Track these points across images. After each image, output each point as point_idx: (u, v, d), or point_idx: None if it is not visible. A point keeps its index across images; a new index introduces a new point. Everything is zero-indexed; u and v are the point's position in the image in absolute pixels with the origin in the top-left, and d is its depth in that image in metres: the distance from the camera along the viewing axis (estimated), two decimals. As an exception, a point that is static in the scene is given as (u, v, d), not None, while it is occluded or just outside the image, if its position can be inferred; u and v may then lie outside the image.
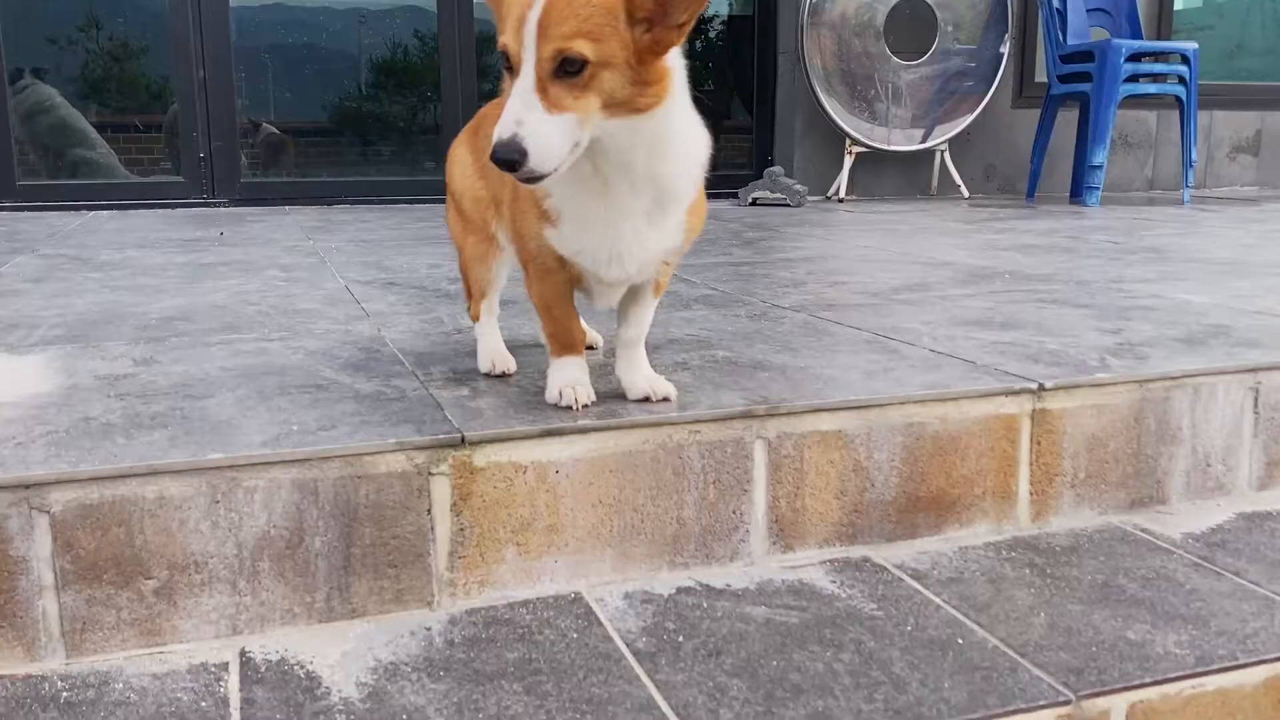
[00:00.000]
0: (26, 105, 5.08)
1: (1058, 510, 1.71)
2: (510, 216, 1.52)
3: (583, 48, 1.15)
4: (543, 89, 1.16)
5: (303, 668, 1.25)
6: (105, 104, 5.26)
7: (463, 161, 1.71)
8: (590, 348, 1.88)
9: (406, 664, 1.25)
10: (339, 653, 1.29)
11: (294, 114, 5.61)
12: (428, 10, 5.46)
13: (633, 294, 1.55)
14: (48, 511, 1.23)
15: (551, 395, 1.51)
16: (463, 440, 1.38)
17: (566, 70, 1.16)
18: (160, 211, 4.84)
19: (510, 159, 1.15)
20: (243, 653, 1.29)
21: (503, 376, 1.70)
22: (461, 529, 1.39)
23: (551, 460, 1.42)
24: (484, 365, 1.72)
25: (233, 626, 1.31)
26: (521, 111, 1.15)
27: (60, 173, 5.19)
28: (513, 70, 1.18)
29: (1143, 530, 1.69)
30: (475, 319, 1.78)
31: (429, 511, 1.37)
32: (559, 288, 1.48)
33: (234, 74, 5.11)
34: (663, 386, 1.55)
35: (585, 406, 1.49)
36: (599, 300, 1.53)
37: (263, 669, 1.25)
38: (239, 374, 1.71)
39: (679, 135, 1.34)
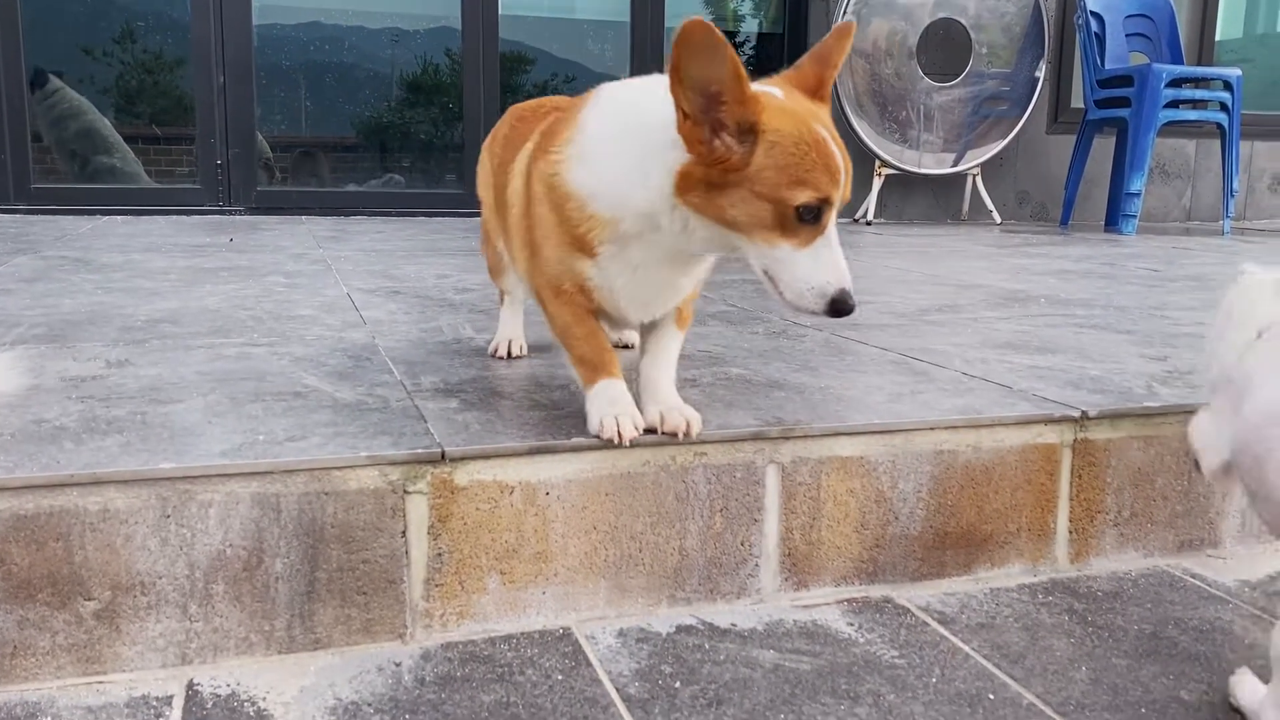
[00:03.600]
0: (56, 111, 5.03)
1: (1099, 551, 1.56)
2: (520, 236, 1.42)
3: None
4: None
5: (254, 704, 1.12)
6: (132, 114, 5.21)
7: (483, 167, 1.74)
8: (626, 346, 1.78)
9: (370, 704, 1.12)
10: (297, 688, 1.16)
11: (318, 127, 5.56)
12: (459, 30, 5.40)
13: (653, 325, 1.43)
14: (-23, 522, 1.11)
15: (593, 426, 1.32)
16: (443, 456, 1.25)
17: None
18: (175, 218, 4.76)
19: (855, 305, 1.19)
20: (190, 685, 1.16)
21: (510, 358, 1.76)
22: (439, 554, 1.26)
23: (541, 480, 1.29)
24: (491, 348, 1.79)
25: (181, 655, 1.18)
26: (843, 259, 1.20)
27: (82, 178, 5.13)
28: (812, 218, 1.17)
29: (1193, 576, 1.54)
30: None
31: (403, 534, 1.24)
32: (579, 309, 1.36)
33: (254, 82, 5.04)
34: (674, 418, 1.33)
35: (634, 441, 1.31)
36: (614, 332, 1.43)
37: (209, 704, 1.12)
38: (214, 379, 1.59)
39: None
